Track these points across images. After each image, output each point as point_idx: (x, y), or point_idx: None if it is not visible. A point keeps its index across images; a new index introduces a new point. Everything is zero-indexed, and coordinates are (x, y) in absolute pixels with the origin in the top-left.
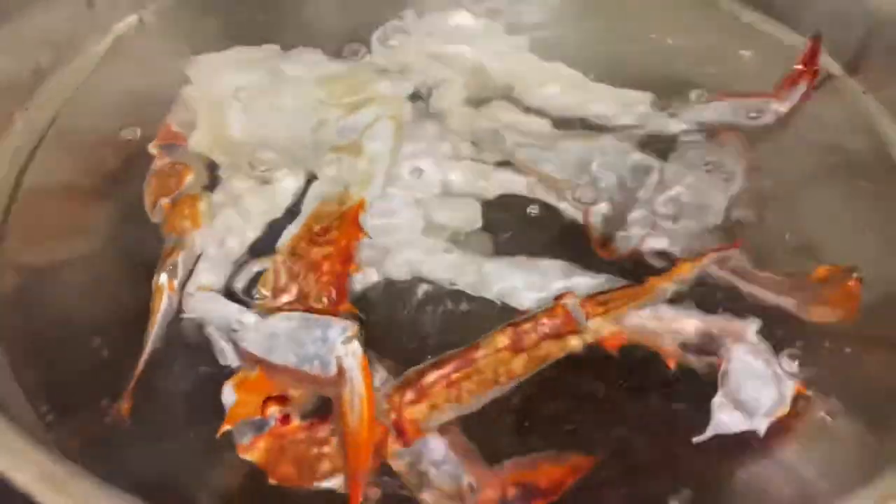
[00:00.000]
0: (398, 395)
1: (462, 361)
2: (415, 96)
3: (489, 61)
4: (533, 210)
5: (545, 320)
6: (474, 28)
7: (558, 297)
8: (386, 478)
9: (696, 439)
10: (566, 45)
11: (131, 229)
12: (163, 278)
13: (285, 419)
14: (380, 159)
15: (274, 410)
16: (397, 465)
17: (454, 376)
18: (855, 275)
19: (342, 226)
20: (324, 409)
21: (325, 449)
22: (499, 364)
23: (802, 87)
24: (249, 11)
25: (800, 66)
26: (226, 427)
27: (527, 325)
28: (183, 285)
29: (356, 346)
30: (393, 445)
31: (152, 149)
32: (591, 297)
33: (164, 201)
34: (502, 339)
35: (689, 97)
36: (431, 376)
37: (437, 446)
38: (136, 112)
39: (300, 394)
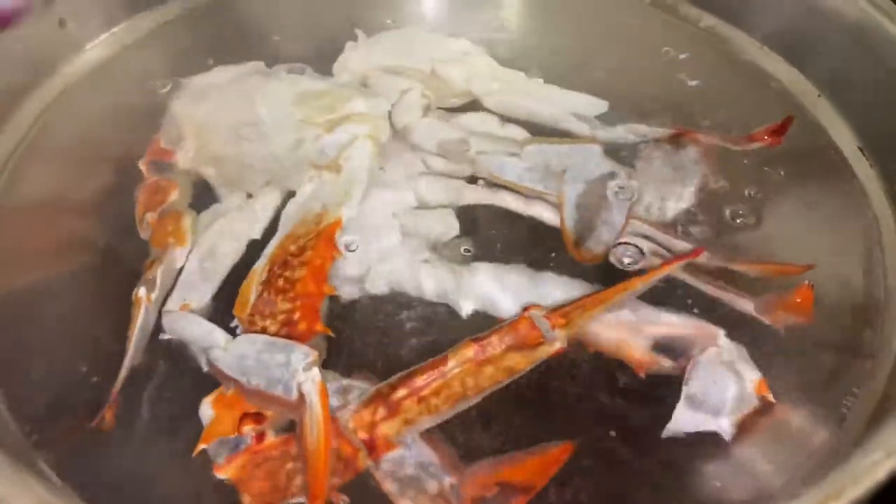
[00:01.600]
0: (369, 411)
1: (431, 375)
2: None
3: (445, 70)
4: (507, 216)
5: (509, 332)
6: (428, 40)
7: (525, 309)
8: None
9: (663, 434)
10: (525, 52)
11: (121, 245)
12: (141, 291)
13: (260, 438)
14: (357, 179)
15: (249, 430)
16: (377, 473)
17: (424, 391)
18: (806, 281)
19: (318, 245)
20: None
21: (300, 463)
22: (466, 376)
23: (760, 145)
24: (224, 29)
25: (764, 136)
26: (201, 446)
27: (492, 338)
28: (163, 302)
29: (315, 372)
30: (366, 460)
31: (141, 166)
32: (555, 309)
33: (151, 216)
34: (468, 352)
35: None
36: (402, 391)
37: (416, 449)
38: (115, 129)
39: (275, 412)
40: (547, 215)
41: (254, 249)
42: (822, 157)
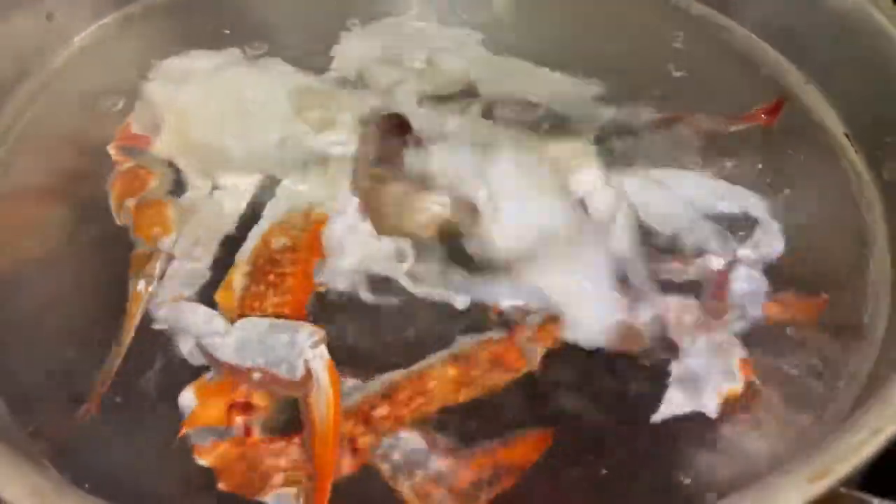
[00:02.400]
0: (349, 425)
1: (413, 391)
2: None
3: (441, 59)
4: None
5: (493, 352)
6: (421, 29)
7: (510, 331)
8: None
9: (653, 418)
10: (518, 39)
11: (96, 231)
12: (140, 285)
13: (248, 431)
14: (345, 177)
15: (239, 420)
16: (372, 457)
17: (404, 409)
18: (823, 294)
19: (304, 245)
20: (288, 427)
21: (281, 461)
22: (448, 393)
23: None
24: (213, 20)
25: (761, 114)
26: (185, 430)
27: (476, 357)
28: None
29: (323, 349)
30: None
31: (111, 150)
32: (542, 325)
33: (130, 202)
34: (451, 370)
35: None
36: (382, 409)
37: (407, 437)
38: (100, 118)
39: (264, 404)
40: None
41: (238, 239)
42: (810, 142)
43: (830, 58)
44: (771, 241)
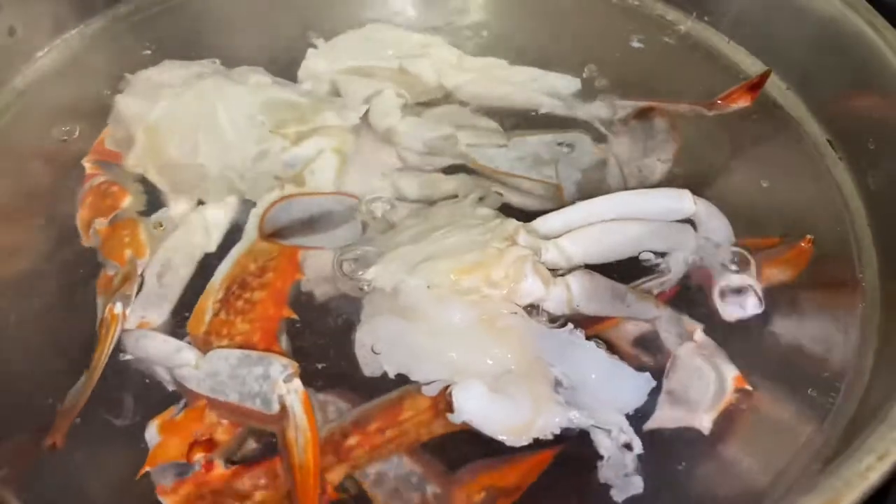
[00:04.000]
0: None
1: (386, 422)
2: None
3: (413, 65)
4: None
5: None
6: (390, 36)
7: None
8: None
9: (644, 427)
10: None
11: (65, 254)
12: (118, 307)
13: (209, 466)
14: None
15: (199, 458)
16: (364, 482)
17: (377, 439)
18: (808, 236)
19: (279, 266)
20: (254, 456)
21: (248, 493)
22: (421, 426)
23: (737, 106)
24: (178, 33)
25: (745, 90)
26: (146, 468)
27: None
28: None
29: (297, 383)
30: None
31: (85, 163)
32: None
33: (100, 223)
34: (425, 401)
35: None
36: (353, 439)
37: (399, 461)
38: (68, 133)
39: (227, 438)
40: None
41: (210, 262)
42: (791, 148)
43: (811, 63)
44: (718, 228)
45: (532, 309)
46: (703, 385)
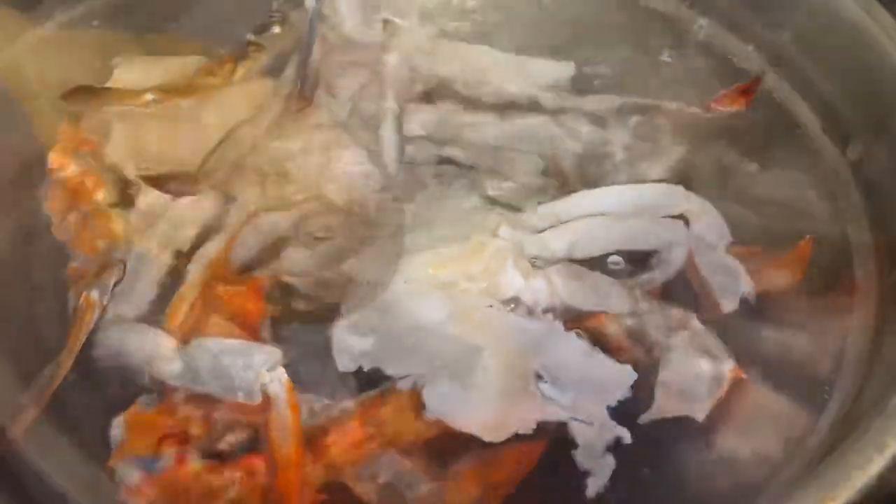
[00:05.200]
0: None
1: (366, 417)
2: None
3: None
4: None
5: None
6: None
7: None
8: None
9: (640, 419)
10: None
11: (36, 247)
12: (94, 294)
13: (182, 460)
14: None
15: (170, 452)
16: (355, 484)
17: (357, 436)
18: (807, 236)
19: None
20: (231, 451)
21: (221, 488)
22: (403, 425)
23: (732, 109)
24: (152, 22)
25: (738, 93)
26: (111, 464)
27: None
28: None
29: (281, 372)
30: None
31: (51, 154)
32: None
33: (73, 217)
34: (407, 397)
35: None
36: (332, 436)
37: (391, 459)
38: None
39: (202, 433)
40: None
41: (187, 255)
42: (787, 137)
43: (807, 52)
44: (711, 226)
45: (513, 302)
46: (699, 376)
